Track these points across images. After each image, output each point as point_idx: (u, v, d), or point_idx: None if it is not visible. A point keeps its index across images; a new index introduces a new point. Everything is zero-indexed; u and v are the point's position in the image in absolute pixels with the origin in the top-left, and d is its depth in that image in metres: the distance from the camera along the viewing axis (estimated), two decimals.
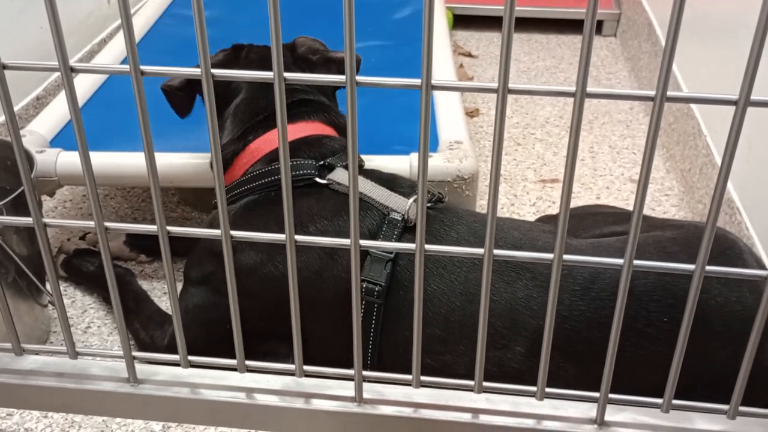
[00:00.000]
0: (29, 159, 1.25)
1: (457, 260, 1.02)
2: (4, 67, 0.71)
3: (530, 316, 0.98)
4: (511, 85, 0.63)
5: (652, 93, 0.63)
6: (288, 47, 1.33)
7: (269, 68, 0.66)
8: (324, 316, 1.05)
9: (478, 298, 1.00)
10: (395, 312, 1.03)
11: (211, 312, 1.11)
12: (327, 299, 1.05)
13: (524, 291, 0.99)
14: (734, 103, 0.63)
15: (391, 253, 1.02)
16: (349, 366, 1.08)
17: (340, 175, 1.10)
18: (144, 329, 1.21)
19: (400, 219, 1.05)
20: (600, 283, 0.96)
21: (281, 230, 1.10)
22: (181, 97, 1.27)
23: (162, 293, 1.39)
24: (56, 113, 1.55)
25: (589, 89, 0.63)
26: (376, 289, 1.01)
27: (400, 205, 1.06)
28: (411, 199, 1.06)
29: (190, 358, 0.89)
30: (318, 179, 1.10)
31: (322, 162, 1.12)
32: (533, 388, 0.84)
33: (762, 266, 1.07)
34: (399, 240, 1.04)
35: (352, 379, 0.87)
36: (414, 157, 1.34)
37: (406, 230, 1.05)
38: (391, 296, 1.03)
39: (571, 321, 0.95)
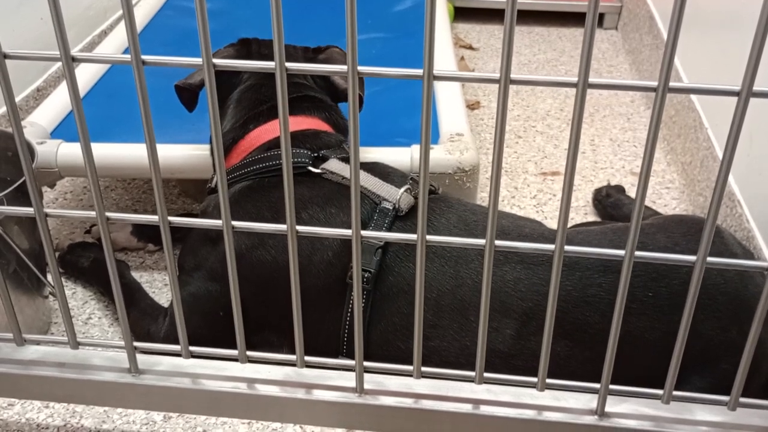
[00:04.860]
0: (30, 150, 1.25)
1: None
2: (6, 56, 0.71)
3: (519, 298, 0.98)
4: (513, 76, 0.63)
5: (654, 83, 0.63)
6: (313, 50, 1.34)
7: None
8: (312, 302, 1.05)
9: (468, 281, 1.01)
10: (384, 298, 1.03)
11: (205, 300, 1.11)
12: (317, 285, 1.05)
13: (512, 273, 0.99)
14: (736, 94, 0.63)
15: (381, 240, 1.03)
16: (333, 351, 1.09)
17: (333, 165, 1.11)
18: (139, 323, 1.21)
19: (391, 208, 1.06)
20: (585, 262, 0.97)
21: (274, 216, 1.11)
22: (191, 92, 1.27)
23: (163, 284, 1.39)
24: (57, 104, 1.54)
25: (591, 80, 0.63)
26: (366, 275, 1.02)
27: (391, 194, 1.07)
28: (402, 189, 1.07)
29: (191, 348, 0.90)
30: (311, 168, 1.10)
31: (317, 153, 1.13)
32: (534, 379, 0.84)
33: (744, 247, 1.08)
34: (390, 229, 1.05)
35: (352, 370, 0.88)
36: (415, 149, 1.34)
37: (397, 219, 1.06)
38: (381, 282, 1.03)
39: (559, 301, 0.96)
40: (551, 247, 0.74)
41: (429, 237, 0.75)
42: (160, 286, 1.39)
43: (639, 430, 0.84)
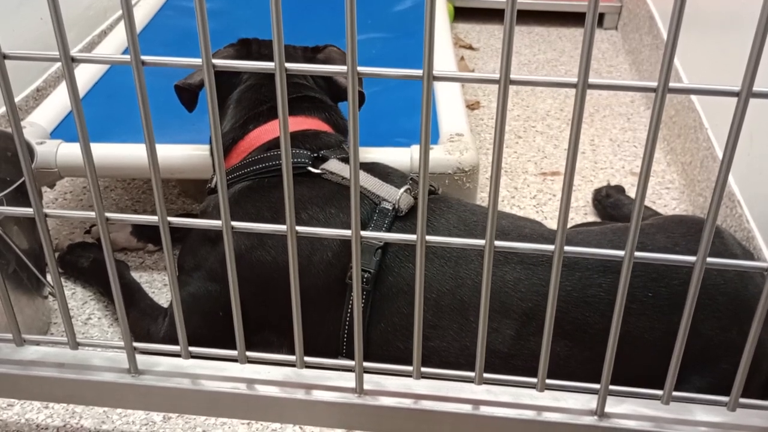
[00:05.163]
0: (30, 150, 1.25)
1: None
2: (5, 56, 0.71)
3: (519, 299, 0.98)
4: (512, 76, 0.63)
5: (654, 84, 0.63)
6: (311, 49, 1.34)
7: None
8: (312, 302, 1.05)
9: (468, 282, 1.01)
10: (384, 298, 1.03)
11: (205, 300, 1.11)
12: (317, 285, 1.05)
13: (512, 274, 0.99)
14: (736, 94, 0.63)
15: (381, 240, 1.03)
16: (333, 351, 1.09)
17: (333, 166, 1.11)
18: (138, 324, 1.21)
19: (390, 208, 1.06)
20: (585, 262, 0.97)
21: (274, 216, 1.11)
22: (191, 92, 1.27)
23: (162, 285, 1.39)
24: (57, 104, 1.54)
25: (591, 80, 0.63)
26: (365, 276, 1.02)
27: (391, 194, 1.07)
28: (402, 189, 1.07)
29: (191, 348, 0.89)
30: (311, 169, 1.10)
31: (316, 154, 1.13)
32: (534, 380, 0.84)
33: (743, 247, 1.08)
34: (389, 229, 1.04)
35: (352, 371, 0.88)
36: (415, 150, 1.34)
37: (397, 219, 1.06)
38: (380, 283, 1.03)
39: (559, 301, 0.96)
40: (551, 247, 0.74)
41: (429, 237, 0.75)
42: (159, 287, 1.39)
43: (639, 430, 0.84)
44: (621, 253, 0.74)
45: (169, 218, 0.78)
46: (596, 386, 0.83)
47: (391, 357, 1.04)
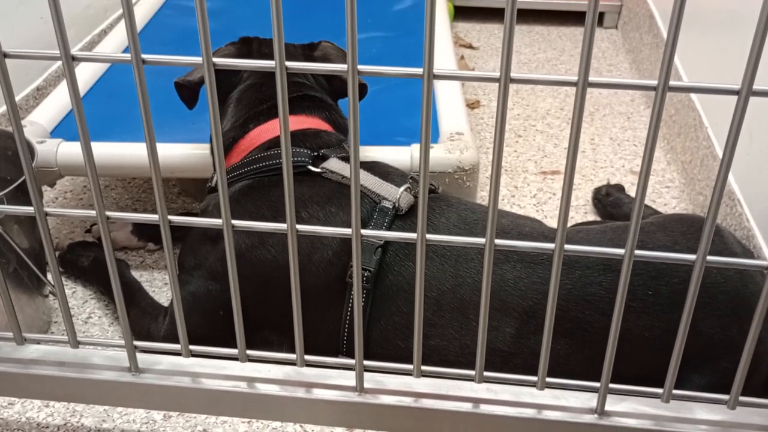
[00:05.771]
0: (30, 149, 1.25)
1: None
2: (6, 55, 0.71)
3: (519, 297, 0.98)
4: (513, 74, 0.63)
5: (654, 82, 0.63)
6: (307, 46, 1.34)
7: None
8: (312, 301, 1.05)
9: (468, 281, 1.01)
10: (384, 297, 1.03)
11: (205, 299, 1.11)
12: (317, 284, 1.05)
13: (512, 272, 0.99)
14: (736, 93, 0.63)
15: (381, 239, 1.03)
16: (333, 350, 1.09)
17: (333, 164, 1.11)
18: (139, 322, 1.21)
19: (390, 207, 1.06)
20: (585, 261, 0.97)
21: (274, 215, 1.12)
22: (191, 89, 1.27)
23: (163, 283, 1.39)
24: (57, 104, 1.54)
25: (591, 79, 0.63)
26: (366, 274, 1.02)
27: (391, 193, 1.07)
28: (402, 188, 1.07)
29: (191, 347, 0.90)
30: (311, 167, 1.11)
31: (317, 153, 1.13)
32: (534, 378, 0.84)
33: (743, 246, 1.08)
34: (390, 228, 1.05)
35: (352, 369, 0.88)
36: (415, 148, 1.34)
37: (397, 218, 1.06)
38: (381, 281, 1.03)
39: (559, 300, 0.96)
40: (551, 246, 0.74)
41: (429, 236, 0.75)
42: (160, 285, 1.39)
43: (639, 428, 0.84)
44: (621, 251, 0.74)
45: (170, 217, 0.78)
46: (596, 384, 0.83)
47: (392, 355, 1.04)
